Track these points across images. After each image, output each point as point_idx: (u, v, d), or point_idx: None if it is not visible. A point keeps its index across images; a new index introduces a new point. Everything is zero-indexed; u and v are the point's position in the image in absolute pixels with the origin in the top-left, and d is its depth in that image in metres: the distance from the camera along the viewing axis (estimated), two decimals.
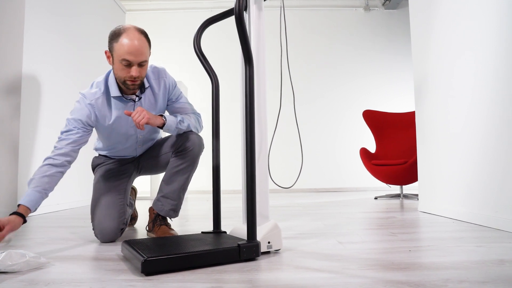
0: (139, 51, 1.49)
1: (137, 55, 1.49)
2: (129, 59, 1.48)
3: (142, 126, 1.53)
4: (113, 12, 4.22)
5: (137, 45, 1.49)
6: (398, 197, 3.74)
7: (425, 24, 2.60)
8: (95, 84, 1.63)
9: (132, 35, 1.49)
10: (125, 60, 1.48)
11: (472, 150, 2.06)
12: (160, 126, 1.63)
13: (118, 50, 1.49)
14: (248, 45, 1.29)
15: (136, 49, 1.48)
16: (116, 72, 1.55)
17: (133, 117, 1.52)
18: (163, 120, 1.62)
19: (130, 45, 1.48)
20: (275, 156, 4.44)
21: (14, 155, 2.52)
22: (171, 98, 1.75)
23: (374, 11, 5.63)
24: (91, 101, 1.59)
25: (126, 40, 1.48)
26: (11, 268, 1.12)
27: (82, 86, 3.42)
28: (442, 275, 1.06)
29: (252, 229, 1.26)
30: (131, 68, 1.50)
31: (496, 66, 1.88)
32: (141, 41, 1.50)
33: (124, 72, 1.52)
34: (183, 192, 1.76)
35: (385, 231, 1.84)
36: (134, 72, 1.50)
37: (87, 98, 1.59)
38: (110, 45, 1.53)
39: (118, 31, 1.51)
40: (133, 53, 1.48)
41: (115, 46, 1.50)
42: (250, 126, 1.28)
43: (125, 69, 1.51)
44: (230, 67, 4.55)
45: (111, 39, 1.52)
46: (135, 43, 1.48)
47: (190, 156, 1.72)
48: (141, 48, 1.50)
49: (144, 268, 1.09)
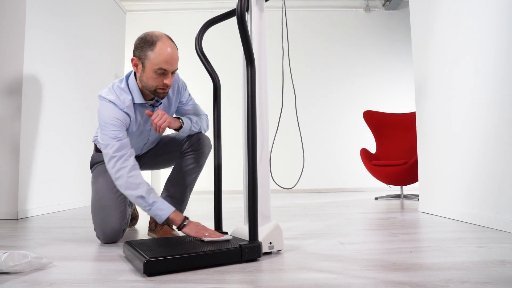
0: (175, 60, 1.48)
1: (173, 64, 1.48)
2: (166, 68, 1.46)
3: (162, 130, 1.53)
4: (114, 13, 4.23)
5: (173, 54, 1.47)
6: (399, 197, 3.74)
7: (425, 25, 2.60)
8: (117, 89, 1.56)
9: (168, 44, 1.47)
10: (161, 69, 1.45)
11: (472, 151, 2.06)
12: (177, 128, 1.64)
13: (154, 59, 1.44)
14: (250, 46, 1.29)
15: (172, 58, 1.46)
16: (147, 80, 1.50)
17: (154, 120, 1.51)
18: (180, 123, 1.63)
19: (168, 54, 1.45)
20: (277, 157, 4.44)
21: (15, 156, 2.53)
22: (181, 101, 1.76)
23: (375, 11, 5.63)
24: (124, 109, 1.53)
25: (163, 49, 1.45)
26: (13, 268, 1.12)
27: (83, 87, 3.43)
28: (444, 275, 1.06)
29: (253, 229, 1.26)
30: (165, 76, 1.48)
31: (496, 66, 1.88)
32: (175, 50, 1.49)
33: (157, 81, 1.49)
34: (189, 193, 1.77)
35: (386, 232, 1.84)
36: (169, 81, 1.48)
37: (119, 105, 1.53)
38: (141, 52, 1.48)
39: (150, 39, 1.46)
40: (170, 62, 1.46)
41: (150, 54, 1.45)
42: (252, 126, 1.28)
43: (158, 78, 1.48)
44: (231, 67, 4.55)
45: (143, 47, 1.47)
46: (172, 51, 1.46)
47: (199, 157, 1.73)
48: (177, 57, 1.49)
49: (146, 269, 1.09)
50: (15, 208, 2.49)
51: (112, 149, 1.46)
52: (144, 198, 1.42)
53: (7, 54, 2.59)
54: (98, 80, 3.73)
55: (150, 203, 1.43)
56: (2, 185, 2.51)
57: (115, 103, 1.52)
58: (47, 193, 2.86)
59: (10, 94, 2.56)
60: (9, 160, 2.52)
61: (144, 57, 1.47)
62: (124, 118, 1.53)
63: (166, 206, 1.45)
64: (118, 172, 1.45)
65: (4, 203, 2.49)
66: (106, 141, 1.48)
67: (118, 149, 1.46)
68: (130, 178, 1.44)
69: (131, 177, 1.44)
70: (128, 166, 1.45)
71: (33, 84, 2.71)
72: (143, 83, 1.53)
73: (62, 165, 3.08)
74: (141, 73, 1.51)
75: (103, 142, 1.49)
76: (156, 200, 1.44)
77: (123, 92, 1.56)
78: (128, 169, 1.44)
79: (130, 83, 1.57)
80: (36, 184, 2.70)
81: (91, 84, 3.59)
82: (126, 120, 1.54)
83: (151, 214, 1.46)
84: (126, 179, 1.43)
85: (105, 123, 1.50)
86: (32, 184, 2.67)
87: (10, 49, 2.59)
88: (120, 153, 1.46)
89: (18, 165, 2.52)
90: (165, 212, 1.43)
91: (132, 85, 1.57)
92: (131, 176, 1.44)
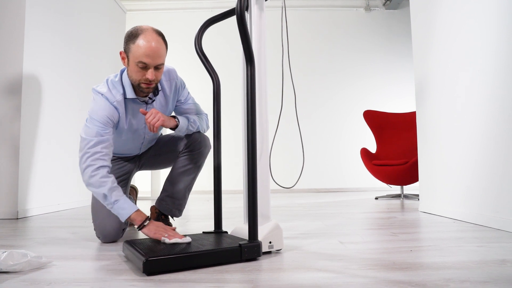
0: (156, 54, 1.44)
1: (154, 57, 1.44)
2: (146, 62, 1.43)
3: (156, 129, 1.51)
4: (114, 12, 4.22)
5: (154, 47, 1.43)
6: (399, 197, 3.74)
7: (426, 24, 2.60)
8: (111, 83, 1.56)
9: (150, 37, 1.43)
10: (141, 62, 1.43)
11: (473, 150, 2.06)
12: (173, 128, 1.62)
13: (135, 52, 1.43)
14: (250, 45, 1.29)
15: (153, 51, 1.43)
16: (131, 74, 1.50)
17: (147, 118, 1.50)
18: (176, 122, 1.62)
19: (148, 47, 1.42)
20: (277, 156, 4.44)
21: (14, 156, 2.52)
22: (180, 100, 1.75)
23: (375, 11, 5.63)
24: (114, 103, 1.52)
25: (143, 42, 1.42)
26: (13, 268, 1.12)
27: (83, 86, 3.43)
28: (444, 275, 1.06)
29: (253, 229, 1.26)
30: (147, 71, 1.45)
31: (496, 66, 1.88)
32: (158, 43, 1.45)
33: (140, 75, 1.47)
34: (188, 192, 1.77)
35: (386, 231, 1.84)
36: (150, 75, 1.45)
37: (109, 98, 1.52)
38: (126, 46, 1.47)
39: (135, 32, 1.45)
40: (150, 56, 1.43)
41: (132, 47, 1.44)
42: (252, 126, 1.28)
43: (140, 72, 1.46)
44: (231, 67, 4.55)
45: (128, 40, 1.46)
46: (152, 45, 1.43)
47: (198, 157, 1.73)
48: (159, 51, 1.44)
49: (146, 268, 1.09)
50: (15, 207, 2.49)
51: (89, 145, 1.45)
52: (106, 196, 1.41)
53: (7, 54, 2.59)
54: (97, 79, 3.72)
55: (112, 202, 1.42)
56: (2, 184, 2.50)
57: (106, 96, 1.51)
58: (47, 192, 2.86)
59: (10, 94, 2.56)
60: (9, 160, 2.52)
61: (128, 50, 1.47)
62: (112, 114, 1.51)
63: (128, 205, 1.43)
64: (87, 168, 1.43)
65: (4, 203, 2.49)
66: (86, 134, 1.47)
67: (93, 145, 1.45)
68: (95, 176, 1.42)
69: (96, 175, 1.42)
70: (96, 164, 1.43)
71: (32, 84, 2.71)
72: (129, 77, 1.52)
73: (62, 165, 3.08)
74: (127, 67, 1.51)
75: (84, 135, 1.48)
76: (119, 199, 1.42)
77: (116, 86, 1.55)
78: (96, 167, 1.43)
79: (123, 78, 1.57)
80: (35, 184, 2.70)
81: (91, 83, 3.58)
82: (114, 116, 1.52)
83: (114, 213, 1.45)
84: (90, 175, 1.42)
85: (92, 118, 1.49)
86: (32, 183, 2.67)
87: (10, 49, 2.59)
88: (93, 149, 1.44)
89: (18, 165, 2.52)
90: (127, 211, 1.42)
91: (125, 79, 1.56)
92: (96, 174, 1.43)
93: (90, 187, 1.45)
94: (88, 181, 1.44)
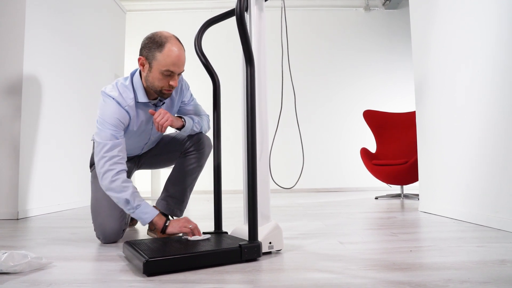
0: (182, 62, 1.49)
1: (181, 66, 1.49)
2: (173, 70, 1.46)
3: (164, 129, 1.53)
4: (114, 12, 4.22)
5: (181, 56, 1.48)
6: (399, 197, 3.74)
7: (425, 24, 2.60)
8: (121, 86, 1.56)
9: (176, 46, 1.47)
10: (168, 70, 1.46)
11: (472, 150, 2.06)
12: (179, 128, 1.64)
13: (162, 61, 1.44)
14: (249, 45, 1.29)
15: (180, 60, 1.47)
16: (153, 81, 1.50)
17: (156, 118, 1.52)
18: (182, 122, 1.64)
19: (176, 57, 1.45)
20: (276, 156, 4.44)
21: (15, 156, 2.53)
22: (183, 101, 1.76)
23: (375, 11, 5.63)
24: (125, 107, 1.53)
25: (171, 51, 1.45)
26: (13, 269, 1.12)
27: (83, 86, 3.43)
28: (444, 275, 1.06)
29: (253, 229, 1.26)
30: (171, 78, 1.48)
31: (496, 66, 1.88)
32: (183, 51, 1.49)
33: (163, 82, 1.49)
34: (189, 192, 1.77)
35: (386, 231, 1.84)
36: (175, 82, 1.49)
37: (121, 103, 1.52)
38: (149, 53, 1.47)
39: (159, 40, 1.46)
40: (178, 64, 1.46)
41: (157, 55, 1.45)
42: (251, 126, 1.28)
43: (165, 79, 1.48)
44: (231, 67, 4.55)
45: (151, 47, 1.46)
46: (180, 53, 1.47)
47: (200, 157, 1.74)
48: (184, 59, 1.49)
49: (146, 268, 1.09)
50: (15, 208, 2.49)
51: (105, 149, 1.46)
52: (129, 202, 1.44)
53: (7, 54, 2.59)
54: (98, 79, 3.73)
55: (134, 206, 1.45)
56: (2, 185, 2.51)
57: (117, 100, 1.52)
58: (47, 193, 2.86)
59: (10, 94, 2.56)
60: (9, 160, 2.52)
61: (152, 58, 1.47)
62: (123, 117, 1.52)
63: (150, 209, 1.48)
64: (106, 173, 1.45)
65: (4, 203, 2.49)
66: (101, 138, 1.48)
67: (109, 149, 1.46)
68: (116, 181, 1.44)
69: (117, 180, 1.44)
70: (116, 169, 1.45)
71: (33, 84, 2.71)
72: (149, 83, 1.53)
73: (62, 165, 3.08)
74: (147, 73, 1.51)
75: (98, 140, 1.49)
76: (140, 204, 1.46)
77: (126, 90, 1.55)
78: (115, 172, 1.45)
79: (134, 82, 1.57)
80: (36, 184, 2.70)
81: (91, 83, 3.59)
82: (125, 119, 1.54)
83: (135, 217, 1.48)
84: (111, 180, 1.44)
85: (104, 121, 1.50)
86: (32, 184, 2.67)
87: (10, 49, 2.59)
88: (110, 153, 1.46)
89: (18, 165, 2.52)
90: (149, 215, 1.47)
91: (136, 83, 1.56)
92: (117, 179, 1.44)
93: (111, 192, 1.45)
94: (109, 186, 1.45)
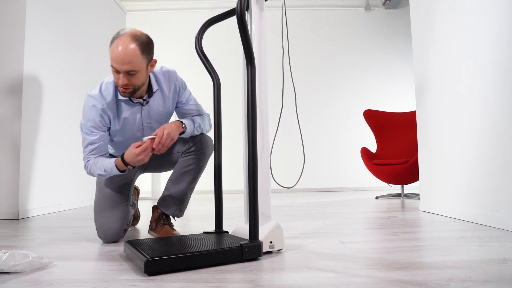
0: (122, 60, 1.41)
1: (121, 64, 1.42)
2: (115, 67, 1.44)
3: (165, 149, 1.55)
4: (114, 12, 4.23)
5: (122, 54, 1.41)
6: (399, 196, 3.74)
7: (426, 23, 2.60)
8: (104, 85, 1.59)
9: (121, 42, 1.42)
10: (112, 66, 1.46)
11: (472, 150, 2.06)
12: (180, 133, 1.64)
13: (110, 55, 1.45)
14: (250, 45, 1.29)
15: (120, 57, 1.41)
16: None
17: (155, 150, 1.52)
18: (182, 129, 1.63)
19: (115, 53, 1.42)
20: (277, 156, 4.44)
21: (15, 156, 2.53)
22: (181, 101, 1.74)
23: (375, 10, 5.62)
24: (103, 106, 1.55)
25: (115, 48, 1.43)
26: (14, 268, 1.12)
27: (83, 86, 3.43)
28: (445, 274, 1.06)
29: (254, 229, 1.26)
30: (117, 75, 1.46)
31: (496, 65, 1.88)
32: (128, 50, 1.41)
33: (115, 78, 1.49)
34: (190, 193, 1.77)
35: (387, 231, 1.84)
36: (120, 80, 1.45)
37: (99, 101, 1.55)
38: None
39: (115, 35, 1.47)
40: (117, 61, 1.43)
41: (109, 50, 1.47)
42: (252, 126, 1.28)
43: (115, 75, 1.48)
44: (231, 67, 4.55)
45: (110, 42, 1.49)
46: (121, 51, 1.41)
47: (201, 157, 1.73)
48: (126, 57, 1.41)
49: (147, 268, 1.09)
50: (16, 208, 2.49)
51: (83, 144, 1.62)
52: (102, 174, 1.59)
53: (7, 54, 2.59)
54: (98, 79, 3.70)
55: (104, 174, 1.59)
56: (3, 185, 2.51)
57: (95, 98, 1.56)
58: (48, 193, 2.86)
59: (11, 93, 2.57)
60: (9, 160, 2.52)
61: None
62: (97, 116, 1.57)
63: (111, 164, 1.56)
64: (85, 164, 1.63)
65: (5, 203, 2.49)
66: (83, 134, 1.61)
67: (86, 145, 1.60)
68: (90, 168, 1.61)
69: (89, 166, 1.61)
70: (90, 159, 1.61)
71: (33, 84, 2.71)
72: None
73: (63, 165, 3.08)
74: None
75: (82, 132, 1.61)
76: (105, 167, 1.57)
77: (108, 87, 1.58)
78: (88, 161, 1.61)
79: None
80: (36, 184, 2.70)
81: (91, 84, 3.56)
82: (103, 118, 1.58)
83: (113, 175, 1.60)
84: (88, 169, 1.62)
85: (85, 119, 1.59)
86: (33, 184, 2.67)
87: (10, 49, 2.59)
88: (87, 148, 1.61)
89: (18, 165, 2.52)
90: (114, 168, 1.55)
91: None
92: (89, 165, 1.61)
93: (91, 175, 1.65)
94: (89, 173, 1.64)
